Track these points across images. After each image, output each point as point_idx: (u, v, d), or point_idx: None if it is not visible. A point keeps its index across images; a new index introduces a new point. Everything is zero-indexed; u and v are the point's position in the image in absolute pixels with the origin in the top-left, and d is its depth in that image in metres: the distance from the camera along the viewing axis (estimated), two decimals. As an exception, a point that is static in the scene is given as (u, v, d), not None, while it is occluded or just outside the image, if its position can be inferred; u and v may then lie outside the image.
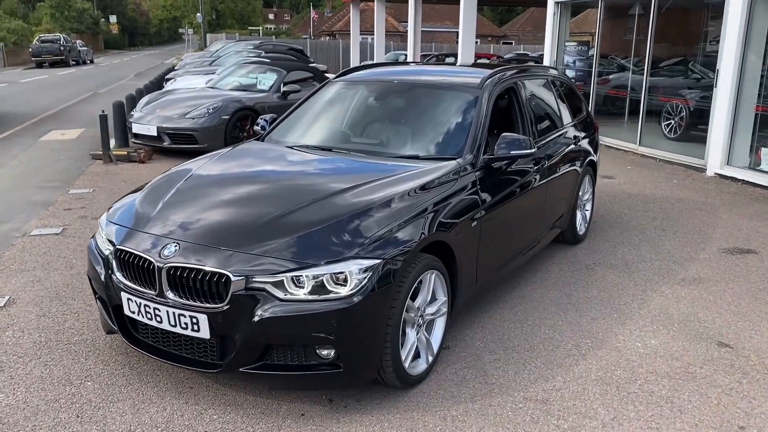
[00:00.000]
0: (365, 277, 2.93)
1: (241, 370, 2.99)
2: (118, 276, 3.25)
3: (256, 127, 4.78)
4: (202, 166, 3.93)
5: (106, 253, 3.36)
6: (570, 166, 5.28)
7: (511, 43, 48.85)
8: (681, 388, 3.40)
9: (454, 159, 3.88)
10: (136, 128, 9.60)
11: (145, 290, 3.12)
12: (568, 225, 5.53)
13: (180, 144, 9.34)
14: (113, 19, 70.91)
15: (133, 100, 10.88)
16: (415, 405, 3.21)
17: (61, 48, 36.46)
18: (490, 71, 4.58)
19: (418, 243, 3.19)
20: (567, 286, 4.80)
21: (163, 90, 11.51)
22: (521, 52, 33.15)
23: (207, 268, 2.95)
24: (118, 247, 3.27)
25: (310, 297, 2.89)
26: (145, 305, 3.10)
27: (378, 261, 2.98)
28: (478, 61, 18.28)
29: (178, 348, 3.15)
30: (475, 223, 3.71)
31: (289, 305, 2.87)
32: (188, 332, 3.02)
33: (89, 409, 3.12)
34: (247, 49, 18.43)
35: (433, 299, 3.47)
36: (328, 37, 46.38)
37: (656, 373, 3.56)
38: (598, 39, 11.99)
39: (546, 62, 13.07)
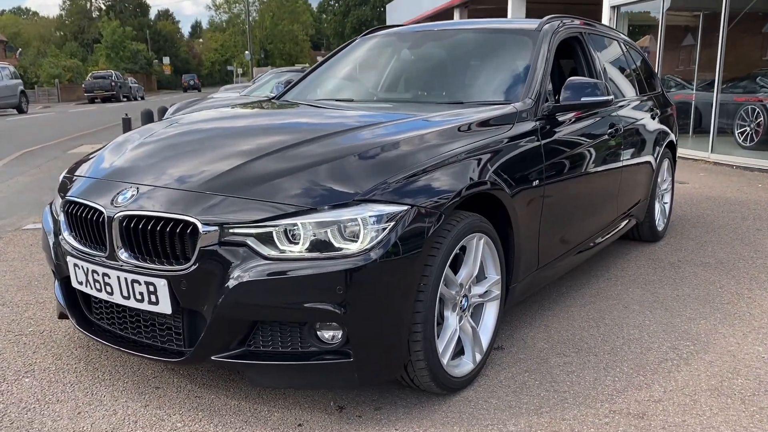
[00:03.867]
0: (385, 228, 2.07)
1: (213, 358, 2.14)
2: (66, 236, 2.49)
3: (270, 93, 4.02)
4: (188, 120, 3.17)
5: (58, 213, 2.60)
6: (647, 143, 4.35)
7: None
8: (835, 404, 2.41)
9: (510, 103, 3.02)
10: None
11: (95, 252, 2.33)
12: (645, 216, 4.56)
13: (207, 151, 8.71)
14: (166, 60, 72.84)
15: (163, 112, 10.39)
16: (457, 417, 2.30)
17: (112, 83, 37.07)
18: (549, 16, 3.73)
19: (462, 193, 2.33)
20: (650, 283, 3.83)
21: (193, 99, 11.01)
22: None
23: (167, 215, 2.14)
24: (66, 198, 2.52)
25: (308, 255, 2.05)
26: (93, 271, 2.31)
27: (404, 207, 2.13)
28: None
29: (137, 331, 2.34)
30: (537, 182, 2.83)
31: (278, 265, 2.03)
32: (144, 305, 2.20)
33: (15, 411, 2.32)
34: (289, 72, 18.04)
35: (482, 277, 2.59)
36: (373, 71, 46.31)
37: (793, 383, 2.58)
38: (660, 58, 11.02)
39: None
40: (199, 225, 2.08)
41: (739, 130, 9.68)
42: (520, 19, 3.96)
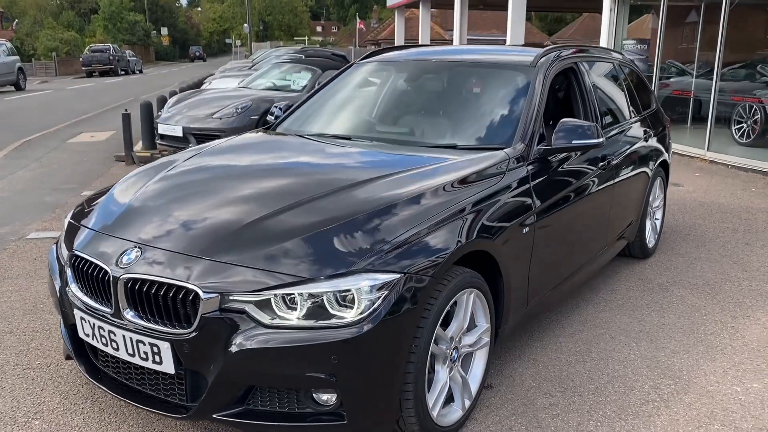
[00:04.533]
0: (379, 297, 2.17)
1: (214, 416, 2.26)
2: (73, 288, 2.58)
3: (269, 117, 4.09)
4: (189, 158, 3.24)
5: (65, 264, 2.69)
6: (639, 166, 4.43)
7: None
8: (804, 454, 2.54)
9: (501, 149, 3.10)
10: (162, 129, 9.06)
11: (101, 307, 2.43)
12: (636, 236, 4.67)
13: (207, 146, 8.75)
14: (164, 31, 72.10)
15: (163, 102, 10.40)
16: (445, 466, 2.43)
17: (110, 57, 36.85)
18: (544, 49, 3.79)
19: (453, 253, 2.43)
20: (637, 309, 3.95)
21: (193, 90, 11.02)
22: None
23: (170, 281, 2.24)
24: (73, 252, 2.61)
25: (305, 323, 2.15)
26: (99, 327, 2.42)
27: (397, 276, 2.23)
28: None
29: (141, 383, 2.45)
30: (527, 229, 2.93)
31: (276, 334, 2.14)
32: (149, 364, 2.32)
33: (26, 459, 2.44)
34: (288, 53, 17.94)
35: (472, 326, 2.70)
36: (373, 46, 45.96)
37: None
38: (660, 42, 11.00)
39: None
40: (201, 293, 2.18)
41: (736, 126, 9.74)
42: (518, 49, 3.99)
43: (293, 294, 2.16)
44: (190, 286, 2.20)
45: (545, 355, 3.33)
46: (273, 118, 3.97)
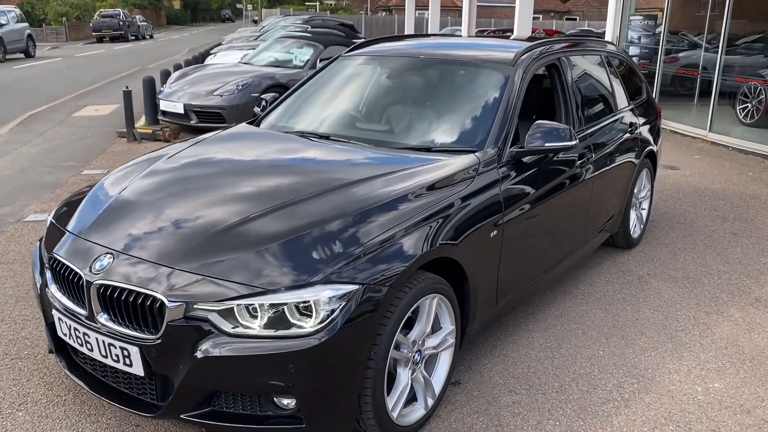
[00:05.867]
0: (337, 308, 2.27)
1: (182, 416, 2.39)
2: (52, 290, 2.70)
3: (256, 108, 4.15)
4: (168, 156, 3.32)
5: (45, 265, 2.80)
6: (624, 158, 4.46)
7: (575, 19, 46.78)
8: (752, 457, 2.64)
9: (474, 152, 3.16)
10: (163, 105, 9.14)
11: (77, 309, 2.55)
12: (620, 227, 4.72)
13: (207, 122, 8.82)
14: (175, -6, 71.46)
15: (167, 76, 10.44)
16: (404, 464, 2.55)
17: (120, 23, 36.75)
18: (528, 44, 3.81)
19: (416, 261, 2.51)
20: (614, 303, 4.03)
21: (195, 65, 11.04)
22: (585, 28, 31.52)
23: (138, 289, 2.35)
24: (52, 254, 2.71)
25: (266, 332, 2.26)
26: (75, 328, 2.53)
27: (356, 287, 2.31)
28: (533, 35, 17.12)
29: (116, 381, 2.58)
30: (496, 232, 3.00)
31: (238, 342, 2.25)
32: (120, 366, 2.44)
33: (8, 451, 2.59)
34: (294, 24, 17.84)
35: (437, 328, 2.79)
36: (384, 13, 45.43)
37: None
38: (668, 11, 10.84)
39: (608, 38, 11.99)
40: (166, 301, 2.28)
41: (740, 106, 9.66)
42: (501, 44, 4.00)
43: (254, 304, 2.26)
44: (157, 295, 2.30)
45: (516, 351, 3.43)
46: (260, 109, 4.02)
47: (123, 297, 2.37)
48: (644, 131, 4.90)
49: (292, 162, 3.21)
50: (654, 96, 10.90)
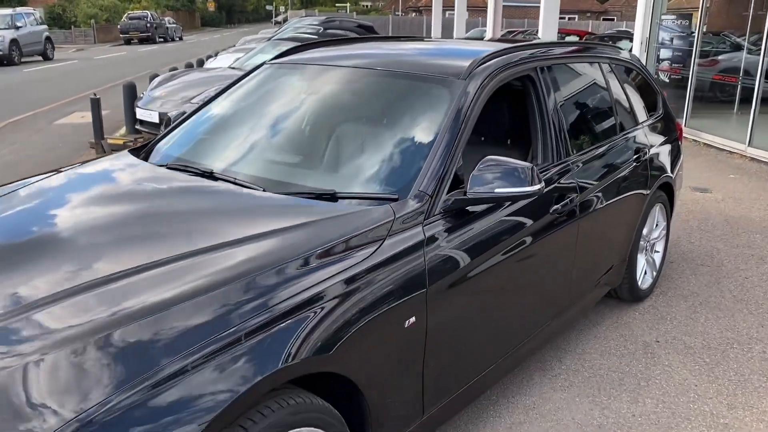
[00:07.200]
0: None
1: None
2: None
3: (162, 128, 3.31)
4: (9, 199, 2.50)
5: None
6: (629, 191, 3.51)
7: (613, 20, 45.12)
8: None
9: (394, 199, 2.26)
10: (140, 114, 8.40)
11: None
12: (624, 278, 3.75)
13: (185, 133, 8.06)
14: (210, -4, 71.72)
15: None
16: None
17: (147, 25, 36.58)
18: (492, 50, 2.88)
19: (254, 390, 1.62)
20: (606, 388, 3.07)
21: (180, 70, 10.32)
22: (623, 29, 30.07)
23: None
24: None
25: None
26: None
27: (135, 438, 1.44)
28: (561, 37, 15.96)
29: None
30: (414, 319, 2.10)
31: None
32: None
33: None
34: (308, 25, 17.07)
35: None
36: (414, 14, 44.50)
37: None
38: (703, 10, 9.71)
39: (636, 39, 10.91)
40: None
41: (785, 116, 8.50)
42: (460, 51, 3.11)
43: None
44: None
45: (460, 467, 2.52)
46: (163, 127, 3.15)
47: None
48: (658, 156, 3.93)
49: (142, 222, 2.24)
50: (687, 104, 9.87)
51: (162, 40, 38.59)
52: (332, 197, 2.31)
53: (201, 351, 1.59)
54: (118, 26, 37.91)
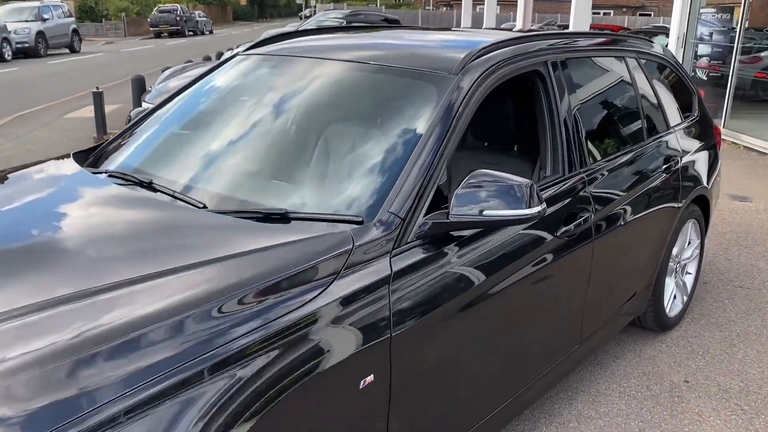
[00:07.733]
0: None
1: None
2: None
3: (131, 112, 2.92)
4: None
5: None
6: (656, 206, 3.03)
7: (650, 15, 43.86)
8: None
9: (359, 222, 1.83)
10: (145, 107, 8.10)
11: None
12: (650, 305, 3.27)
13: (190, 129, 7.73)
14: (241, -10, 71.89)
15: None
16: None
17: (177, 18, 36.58)
18: (491, 41, 2.42)
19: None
20: (623, 440, 2.61)
21: (187, 64, 9.99)
22: (660, 24, 29.07)
23: None
24: None
25: None
26: None
27: None
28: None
29: None
30: (372, 378, 1.67)
31: None
32: None
33: None
34: (330, 18, 16.69)
35: None
36: (445, 8, 43.83)
37: None
38: (746, 3, 9.04)
39: (673, 34, 10.26)
40: None
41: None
42: (456, 41, 2.65)
43: None
44: None
45: None
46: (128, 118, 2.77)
47: None
48: (693, 164, 3.43)
49: (77, 241, 1.84)
50: (726, 104, 9.22)
51: (191, 33, 38.57)
52: (283, 217, 1.89)
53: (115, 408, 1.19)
54: (149, 19, 38.01)
